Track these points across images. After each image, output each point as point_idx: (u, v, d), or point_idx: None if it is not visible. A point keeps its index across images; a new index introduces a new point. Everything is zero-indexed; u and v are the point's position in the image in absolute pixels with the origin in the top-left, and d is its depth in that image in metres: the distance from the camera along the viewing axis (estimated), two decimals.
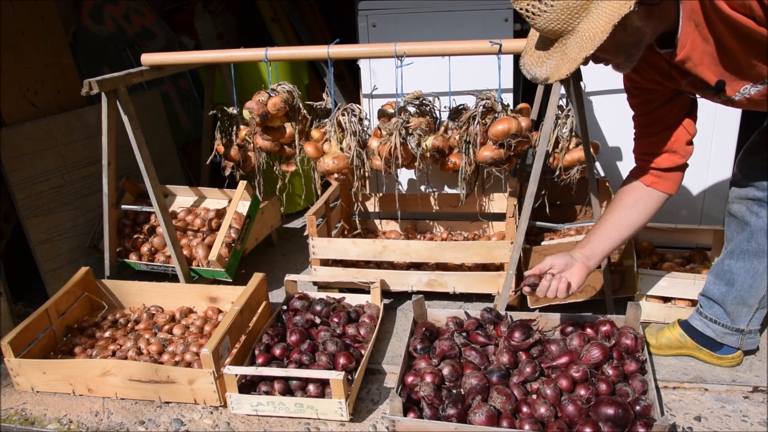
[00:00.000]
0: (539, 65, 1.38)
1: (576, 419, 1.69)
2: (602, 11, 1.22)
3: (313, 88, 3.80)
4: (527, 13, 1.30)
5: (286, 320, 2.25)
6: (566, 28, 1.28)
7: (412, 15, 2.72)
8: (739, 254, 1.86)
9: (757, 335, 1.96)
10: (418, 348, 2.01)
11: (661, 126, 1.72)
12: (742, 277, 1.85)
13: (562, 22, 1.27)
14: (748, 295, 1.86)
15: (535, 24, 1.31)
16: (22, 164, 2.55)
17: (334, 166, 2.33)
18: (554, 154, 2.38)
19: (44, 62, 2.74)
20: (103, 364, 2.02)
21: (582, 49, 1.26)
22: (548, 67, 1.35)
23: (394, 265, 2.56)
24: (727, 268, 1.89)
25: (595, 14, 1.23)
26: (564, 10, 1.25)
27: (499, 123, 2.16)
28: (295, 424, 1.89)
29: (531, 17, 1.30)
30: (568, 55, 1.29)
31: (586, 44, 1.25)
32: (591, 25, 1.24)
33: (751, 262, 1.83)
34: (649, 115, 1.72)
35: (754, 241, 1.81)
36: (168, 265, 2.62)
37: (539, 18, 1.28)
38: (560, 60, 1.32)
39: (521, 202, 2.26)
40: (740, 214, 1.84)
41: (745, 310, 1.88)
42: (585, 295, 2.28)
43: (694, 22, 1.33)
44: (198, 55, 2.49)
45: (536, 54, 1.40)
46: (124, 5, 3.44)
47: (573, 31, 1.27)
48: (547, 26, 1.29)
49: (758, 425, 1.79)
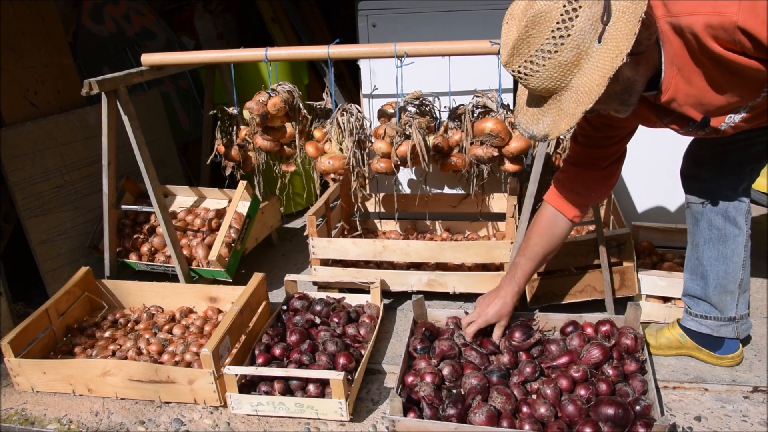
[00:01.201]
0: (535, 123, 1.39)
1: (576, 419, 1.69)
2: (594, 66, 1.24)
3: (313, 88, 3.81)
4: (520, 75, 1.32)
5: (286, 320, 2.25)
6: (560, 86, 1.30)
7: (412, 15, 2.72)
8: (703, 244, 1.88)
9: (748, 320, 1.97)
10: (418, 348, 2.01)
11: (609, 161, 1.79)
12: (714, 265, 1.87)
13: (555, 80, 1.29)
14: (726, 282, 1.87)
15: (528, 84, 1.33)
16: (22, 164, 2.55)
17: (330, 166, 2.34)
18: (555, 154, 2.38)
19: (44, 62, 2.74)
20: (103, 364, 2.02)
21: (579, 103, 1.28)
22: (545, 124, 1.36)
23: (394, 265, 2.56)
24: (698, 261, 1.91)
25: (587, 69, 1.25)
26: (556, 68, 1.27)
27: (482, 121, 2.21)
28: (295, 424, 1.89)
29: (524, 78, 1.32)
30: (565, 110, 1.31)
31: (582, 98, 1.27)
32: (585, 80, 1.26)
33: (717, 249, 1.85)
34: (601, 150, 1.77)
35: (713, 228, 1.84)
36: (168, 265, 2.62)
37: (532, 78, 1.30)
38: (557, 116, 1.33)
39: (521, 202, 2.26)
40: (694, 205, 1.87)
41: (729, 297, 1.89)
42: (585, 295, 2.28)
43: (677, 66, 1.36)
44: (198, 55, 2.49)
45: (530, 112, 1.41)
46: (124, 5, 3.44)
47: (567, 87, 1.29)
48: (541, 85, 1.31)
49: (758, 425, 1.79)
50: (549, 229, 1.90)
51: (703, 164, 1.84)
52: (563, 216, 1.87)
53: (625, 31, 1.22)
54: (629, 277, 2.25)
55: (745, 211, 1.81)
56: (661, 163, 2.57)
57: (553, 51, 1.25)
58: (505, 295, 1.95)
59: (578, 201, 1.85)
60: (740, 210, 1.81)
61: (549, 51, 1.26)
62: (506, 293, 1.95)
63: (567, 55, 1.25)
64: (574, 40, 1.24)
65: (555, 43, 1.25)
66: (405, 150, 2.25)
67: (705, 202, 1.84)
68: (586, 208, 1.88)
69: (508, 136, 2.21)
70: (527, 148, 2.21)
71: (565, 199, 1.86)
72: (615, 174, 1.85)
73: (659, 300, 2.24)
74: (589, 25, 1.23)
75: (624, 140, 1.77)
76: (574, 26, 1.23)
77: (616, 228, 2.50)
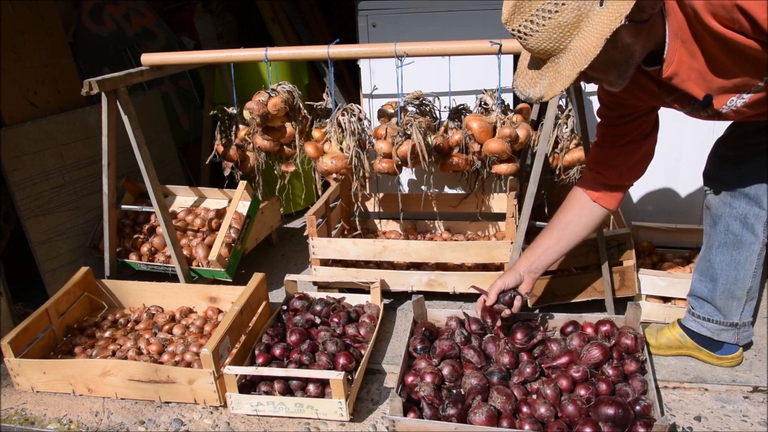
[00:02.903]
0: (532, 86, 1.40)
1: (576, 419, 1.69)
2: (593, 28, 1.24)
3: (313, 88, 3.81)
4: (519, 34, 1.31)
5: (286, 320, 2.25)
6: (558, 47, 1.29)
7: (412, 15, 2.72)
8: (717, 247, 1.86)
9: (750, 328, 1.96)
10: (418, 348, 2.01)
11: (627, 139, 1.77)
12: (725, 270, 1.86)
13: (554, 41, 1.28)
14: (734, 288, 1.86)
15: (527, 44, 1.32)
16: (22, 164, 2.55)
17: (333, 166, 2.33)
18: (554, 154, 2.38)
19: (44, 62, 2.74)
20: (103, 364, 2.02)
21: (575, 65, 1.27)
22: (541, 87, 1.37)
23: (394, 265, 2.56)
24: (709, 263, 1.89)
25: (586, 31, 1.25)
26: (556, 28, 1.26)
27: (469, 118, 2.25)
28: (295, 424, 1.89)
29: (523, 37, 1.31)
30: (561, 72, 1.31)
31: (578, 60, 1.26)
32: (583, 42, 1.25)
33: (731, 254, 1.84)
34: (620, 127, 1.76)
35: (730, 233, 1.82)
36: (168, 265, 2.62)
37: (531, 38, 1.30)
38: (553, 78, 1.33)
39: (521, 202, 2.26)
40: (714, 207, 1.85)
41: (735, 303, 1.88)
42: (585, 295, 2.28)
43: (681, 39, 1.35)
44: (198, 55, 2.49)
45: (529, 74, 1.41)
46: (124, 5, 3.44)
47: (565, 49, 1.29)
48: (540, 46, 1.30)
49: (758, 425, 1.79)
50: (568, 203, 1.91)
51: (727, 165, 1.80)
52: (585, 194, 1.87)
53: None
54: (629, 277, 2.25)
55: (764, 220, 1.77)
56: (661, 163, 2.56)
57: (554, 11, 1.24)
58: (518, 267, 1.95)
59: (599, 180, 1.84)
60: (760, 218, 1.76)
61: (549, 11, 1.25)
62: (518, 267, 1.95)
63: (567, 16, 1.24)
64: (575, 1, 1.23)
65: (556, 3, 1.24)
66: (405, 150, 2.25)
67: (725, 205, 1.81)
68: (607, 188, 1.84)
69: (486, 136, 2.20)
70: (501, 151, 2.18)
71: (586, 179, 1.88)
72: (636, 152, 1.80)
73: (659, 300, 2.24)
74: None
75: (638, 120, 1.74)
76: None
77: (616, 228, 2.50)
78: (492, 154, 2.20)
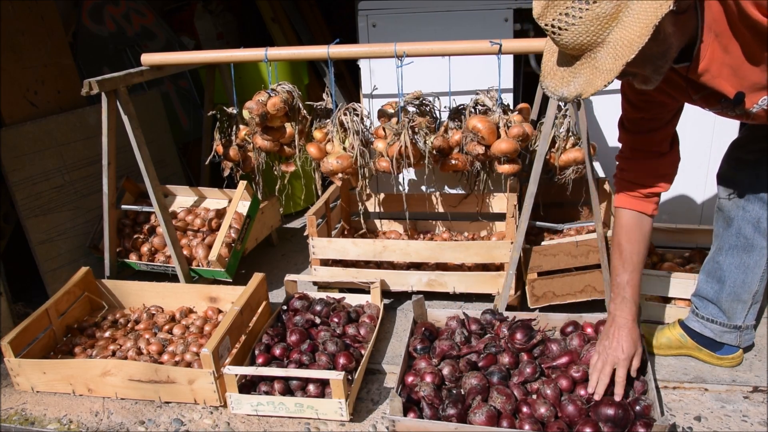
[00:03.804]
0: (565, 84, 1.31)
1: (576, 419, 1.69)
2: (635, 17, 1.18)
3: (313, 88, 3.81)
4: (554, 29, 1.23)
5: (286, 320, 2.25)
6: (596, 40, 1.22)
7: (412, 15, 2.72)
8: (727, 250, 1.85)
9: (752, 331, 1.96)
10: (418, 348, 2.01)
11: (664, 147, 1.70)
12: (734, 273, 1.85)
13: (591, 34, 1.21)
14: (741, 291, 1.86)
15: (562, 39, 1.24)
16: (22, 164, 2.55)
17: (339, 165, 2.33)
18: (551, 153, 2.38)
19: (44, 62, 2.74)
20: (103, 364, 2.02)
21: (618, 57, 1.20)
22: (577, 84, 1.28)
23: (394, 265, 2.56)
24: (718, 265, 1.89)
25: (628, 21, 1.19)
26: (594, 20, 1.20)
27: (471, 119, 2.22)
28: (295, 424, 1.89)
29: (558, 32, 1.23)
30: (601, 67, 1.24)
31: (622, 51, 1.20)
32: (624, 33, 1.19)
33: (741, 257, 1.83)
34: (650, 134, 1.68)
35: (741, 236, 1.81)
36: (168, 265, 2.62)
37: (567, 32, 1.22)
38: (591, 74, 1.25)
39: (521, 202, 2.26)
40: (726, 209, 1.84)
41: (740, 306, 1.88)
42: (585, 295, 2.28)
43: (715, 33, 1.30)
44: (198, 55, 2.49)
45: (559, 73, 1.33)
46: (124, 5, 3.44)
47: (603, 42, 1.22)
48: (576, 40, 1.23)
49: (758, 425, 1.79)
50: (636, 233, 1.76)
51: (743, 168, 1.78)
52: (643, 214, 1.76)
53: None
54: None
55: None
56: None
57: (591, 1, 1.18)
58: (627, 320, 1.75)
59: (649, 193, 1.75)
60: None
61: (587, 1, 1.18)
62: (627, 319, 1.75)
63: (605, 6, 1.18)
64: None
65: None
66: (393, 150, 2.25)
67: (738, 208, 1.79)
68: (658, 198, 1.77)
69: (492, 136, 2.20)
70: (512, 151, 2.18)
71: (637, 198, 1.76)
72: (675, 155, 1.73)
73: (659, 300, 2.24)
74: None
75: (672, 121, 1.67)
76: None
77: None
78: (503, 154, 2.20)
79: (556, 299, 2.28)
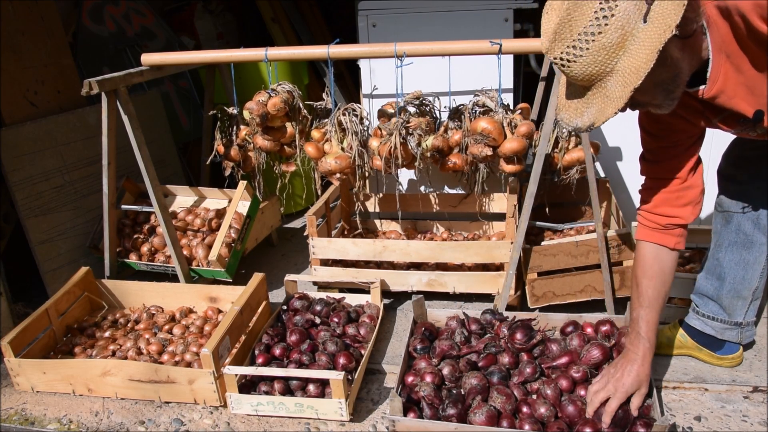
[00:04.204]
0: (579, 116, 1.32)
1: (576, 419, 1.69)
2: (640, 45, 1.19)
3: (313, 88, 3.80)
4: (562, 62, 1.25)
5: (286, 320, 2.25)
6: (604, 70, 1.23)
7: (412, 15, 2.72)
8: (727, 246, 1.86)
9: (753, 327, 1.96)
10: (418, 348, 2.01)
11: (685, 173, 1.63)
12: (733, 269, 1.85)
13: (599, 64, 1.23)
14: (741, 288, 1.86)
15: (571, 71, 1.26)
16: (22, 164, 2.55)
17: (337, 165, 2.33)
18: (554, 154, 2.38)
19: (44, 62, 2.74)
20: (103, 364, 2.02)
21: (626, 84, 1.21)
22: (590, 114, 1.29)
23: (394, 265, 2.56)
24: (717, 262, 1.89)
25: (633, 49, 1.20)
26: (600, 50, 1.21)
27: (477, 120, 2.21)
28: (295, 424, 1.89)
29: (567, 65, 1.25)
30: (611, 95, 1.25)
31: (629, 78, 1.21)
32: (631, 61, 1.20)
33: (740, 254, 1.83)
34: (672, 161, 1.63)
35: (741, 233, 1.81)
36: (168, 265, 2.62)
37: (575, 64, 1.24)
38: (602, 103, 1.26)
39: (521, 202, 2.26)
40: (726, 205, 1.84)
41: (740, 302, 1.88)
42: (585, 295, 2.28)
43: (725, 54, 1.30)
44: (198, 55, 2.49)
45: (572, 105, 1.34)
46: (124, 5, 3.44)
47: (612, 71, 1.23)
48: (585, 71, 1.24)
49: (758, 425, 1.79)
50: (654, 267, 1.69)
51: (743, 166, 1.78)
52: (664, 248, 1.68)
53: (671, 7, 1.16)
54: (629, 277, 2.25)
55: None
56: None
57: (597, 33, 1.19)
58: (637, 355, 1.69)
59: (669, 224, 1.66)
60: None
61: (593, 33, 1.20)
62: (637, 354, 1.69)
63: (611, 36, 1.19)
64: (618, 20, 1.18)
65: (599, 24, 1.19)
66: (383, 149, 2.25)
67: (738, 204, 1.79)
68: (681, 230, 1.68)
69: (501, 137, 2.20)
70: (521, 149, 2.19)
71: (656, 230, 1.68)
72: (697, 184, 1.65)
73: None
74: (633, 4, 1.18)
75: (692, 148, 1.62)
76: (618, 5, 1.18)
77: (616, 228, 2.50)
78: (513, 154, 2.20)
79: (556, 299, 2.28)
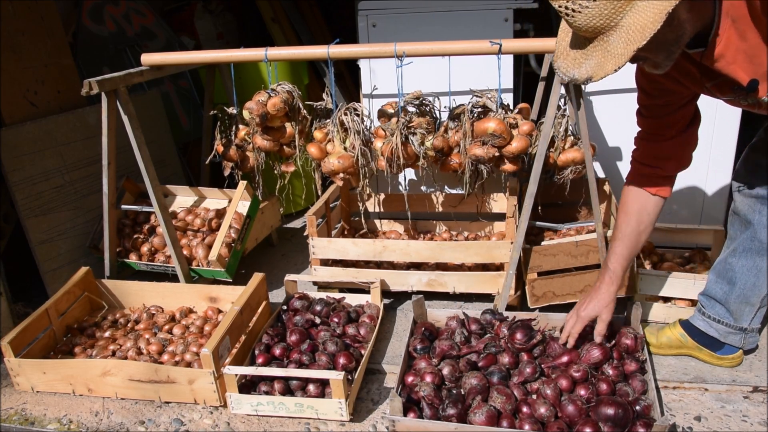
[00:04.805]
0: (577, 66, 1.31)
1: (576, 419, 1.69)
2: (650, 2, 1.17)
3: (313, 88, 3.80)
4: (567, 11, 1.23)
5: (286, 320, 2.25)
6: (608, 24, 1.22)
7: (412, 15, 2.72)
8: (741, 252, 1.85)
9: (757, 334, 1.96)
10: (418, 348, 2.01)
11: (676, 130, 1.72)
12: (745, 275, 1.85)
13: (604, 17, 1.21)
14: (750, 294, 1.86)
15: (574, 21, 1.24)
16: (22, 164, 2.55)
17: (340, 165, 2.33)
18: (549, 153, 2.38)
19: (44, 62, 2.74)
20: (103, 364, 2.02)
21: (630, 42, 1.19)
22: (588, 66, 1.28)
23: (394, 265, 2.56)
24: (729, 266, 1.89)
25: (642, 6, 1.18)
26: (608, 3, 1.19)
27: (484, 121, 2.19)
28: (295, 424, 1.89)
29: (571, 14, 1.23)
30: (612, 51, 1.23)
31: (634, 37, 1.19)
32: (638, 18, 1.19)
33: (754, 260, 1.83)
34: (664, 118, 1.71)
35: (757, 240, 1.81)
36: (168, 265, 2.62)
37: (580, 15, 1.22)
38: (602, 57, 1.25)
39: (521, 202, 2.26)
40: (743, 212, 1.84)
41: (748, 308, 1.88)
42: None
43: (732, 18, 1.29)
44: (198, 55, 2.49)
45: (572, 55, 1.34)
46: (124, 5, 3.44)
47: (616, 26, 1.22)
48: (589, 23, 1.23)
49: (758, 425, 1.79)
50: (634, 206, 1.82)
51: (760, 172, 1.78)
52: (645, 192, 1.80)
53: None
54: (629, 277, 2.25)
55: None
56: None
57: None
58: (602, 284, 1.85)
59: (656, 174, 1.79)
60: None
61: None
62: (602, 283, 1.85)
63: None
64: None
65: None
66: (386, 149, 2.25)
67: (754, 212, 1.79)
68: (666, 180, 1.80)
69: (509, 137, 2.21)
70: (527, 148, 2.20)
71: (643, 175, 1.81)
72: (688, 141, 1.75)
73: (659, 300, 2.24)
74: None
75: (685, 108, 1.68)
76: None
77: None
78: (519, 153, 2.20)
79: (556, 299, 2.28)
